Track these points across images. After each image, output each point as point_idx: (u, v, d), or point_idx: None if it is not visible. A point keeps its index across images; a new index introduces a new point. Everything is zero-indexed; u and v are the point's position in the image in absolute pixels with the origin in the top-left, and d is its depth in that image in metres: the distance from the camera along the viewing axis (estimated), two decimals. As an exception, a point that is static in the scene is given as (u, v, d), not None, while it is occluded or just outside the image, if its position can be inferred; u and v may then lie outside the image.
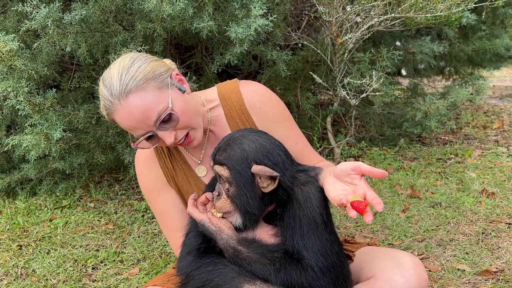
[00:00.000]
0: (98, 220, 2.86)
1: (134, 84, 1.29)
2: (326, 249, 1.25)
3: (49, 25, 2.32)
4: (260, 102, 1.59)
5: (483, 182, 3.05)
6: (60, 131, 2.56)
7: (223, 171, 1.27)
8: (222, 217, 1.34)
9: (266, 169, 1.22)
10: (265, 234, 1.35)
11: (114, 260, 2.35)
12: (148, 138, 1.38)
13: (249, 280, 1.24)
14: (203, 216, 1.34)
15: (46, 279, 2.18)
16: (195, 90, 1.76)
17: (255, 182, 1.25)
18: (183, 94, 1.41)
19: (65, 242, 2.57)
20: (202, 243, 1.39)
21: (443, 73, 5.80)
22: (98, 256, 2.38)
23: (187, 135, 1.41)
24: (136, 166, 1.65)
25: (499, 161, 3.51)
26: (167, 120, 1.34)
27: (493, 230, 2.37)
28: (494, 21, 5.22)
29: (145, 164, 1.63)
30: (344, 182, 1.23)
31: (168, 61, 1.48)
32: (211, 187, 1.46)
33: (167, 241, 2.50)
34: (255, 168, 1.23)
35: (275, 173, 1.23)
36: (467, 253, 2.18)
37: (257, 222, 1.33)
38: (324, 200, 1.28)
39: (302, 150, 1.64)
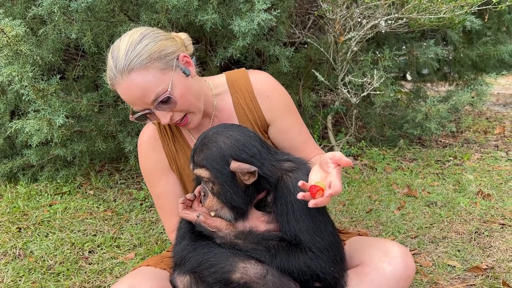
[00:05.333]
0: (97, 207, 2.90)
1: (138, 62, 1.32)
2: (321, 229, 1.29)
3: (56, 11, 2.36)
4: (268, 91, 1.62)
5: (479, 184, 3.06)
6: (62, 117, 2.60)
7: (203, 173, 1.30)
8: (215, 215, 1.37)
9: (244, 166, 1.26)
10: (259, 221, 1.38)
11: (110, 245, 2.38)
12: (146, 115, 1.42)
13: (243, 260, 1.27)
14: (197, 218, 1.37)
15: (43, 260, 2.22)
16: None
17: (236, 177, 1.29)
18: (186, 78, 1.43)
19: (63, 227, 2.61)
20: (196, 227, 1.42)
21: (447, 78, 5.81)
22: (95, 241, 2.42)
23: (184, 116, 1.44)
24: (139, 148, 1.67)
25: (498, 165, 3.52)
26: (165, 101, 1.37)
27: (486, 230, 2.39)
28: (499, 27, 5.23)
29: (148, 146, 1.65)
30: (324, 171, 1.27)
31: (183, 36, 1.51)
32: (198, 182, 1.47)
33: (163, 229, 2.53)
34: (233, 166, 1.26)
35: (253, 168, 1.26)
36: (458, 250, 2.20)
37: (247, 213, 1.36)
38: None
39: (304, 142, 1.67)
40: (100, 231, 2.55)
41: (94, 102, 2.93)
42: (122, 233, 2.53)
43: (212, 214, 1.37)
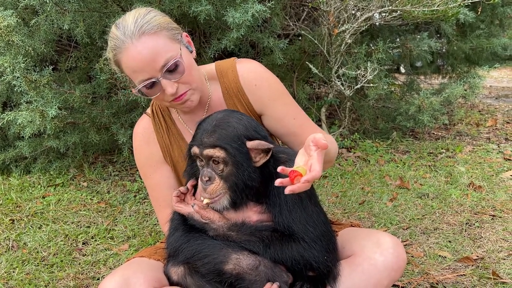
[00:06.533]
0: (90, 198, 2.90)
1: (149, 28, 1.34)
2: (314, 219, 1.30)
3: (48, 2, 2.34)
4: (255, 79, 1.59)
5: (471, 176, 3.09)
6: (55, 109, 2.58)
7: (218, 153, 1.26)
8: (210, 203, 1.33)
9: (263, 143, 1.27)
10: (251, 211, 1.38)
11: (104, 237, 2.39)
12: (150, 87, 1.40)
13: (237, 251, 1.27)
14: (191, 210, 1.37)
15: (37, 252, 2.22)
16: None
17: (250, 157, 1.29)
18: (190, 54, 1.46)
19: (57, 218, 2.60)
20: (188, 220, 1.42)
21: (440, 71, 5.84)
22: (89, 232, 2.42)
23: (185, 92, 1.43)
24: (134, 140, 1.67)
25: (489, 157, 3.56)
26: (173, 69, 1.37)
27: (477, 221, 2.42)
28: (492, 20, 5.24)
29: (143, 138, 1.64)
30: (307, 153, 1.26)
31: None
32: (190, 176, 1.46)
33: (157, 220, 2.54)
34: (253, 143, 1.27)
35: (271, 145, 1.28)
36: (449, 241, 2.23)
37: (251, 197, 1.34)
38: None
39: (301, 126, 1.64)
40: (94, 223, 2.55)
41: (87, 93, 2.92)
42: (116, 225, 2.54)
43: (206, 201, 1.31)
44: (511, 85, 8.66)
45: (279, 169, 1.18)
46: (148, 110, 1.68)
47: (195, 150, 1.30)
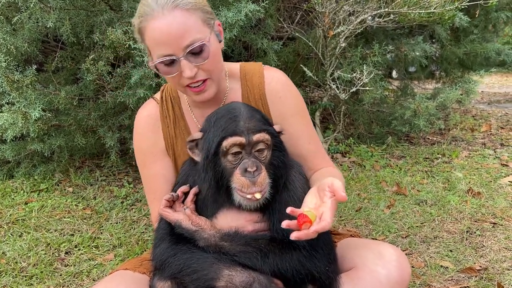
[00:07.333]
0: (75, 205, 2.77)
1: (184, 2, 1.26)
2: None
3: (31, -2, 2.23)
4: (282, 91, 1.52)
5: (469, 182, 3.02)
6: (39, 110, 2.47)
7: (265, 137, 1.21)
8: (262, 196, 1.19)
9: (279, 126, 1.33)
10: (246, 222, 1.29)
11: (89, 245, 2.27)
12: (168, 64, 1.30)
13: (228, 266, 1.17)
14: (180, 216, 1.28)
15: (16, 262, 2.09)
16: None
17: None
18: (219, 43, 1.38)
19: (39, 226, 2.47)
20: (175, 229, 1.32)
21: (434, 76, 5.80)
22: (73, 241, 2.30)
23: (204, 82, 1.34)
24: (136, 125, 1.55)
25: (486, 162, 3.50)
26: (197, 52, 1.28)
27: (478, 229, 2.34)
28: (486, 25, 5.22)
29: (147, 125, 1.53)
30: (320, 197, 1.17)
31: None
32: (182, 182, 1.38)
33: (145, 228, 2.43)
34: (278, 126, 1.30)
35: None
36: (451, 250, 2.14)
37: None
38: (306, 181, 1.24)
39: (314, 152, 1.55)
40: (78, 231, 2.43)
41: (73, 95, 2.80)
42: (101, 233, 2.41)
43: (258, 196, 1.17)
44: (502, 91, 8.69)
45: (288, 210, 1.11)
46: (157, 95, 1.57)
47: (238, 139, 1.18)
